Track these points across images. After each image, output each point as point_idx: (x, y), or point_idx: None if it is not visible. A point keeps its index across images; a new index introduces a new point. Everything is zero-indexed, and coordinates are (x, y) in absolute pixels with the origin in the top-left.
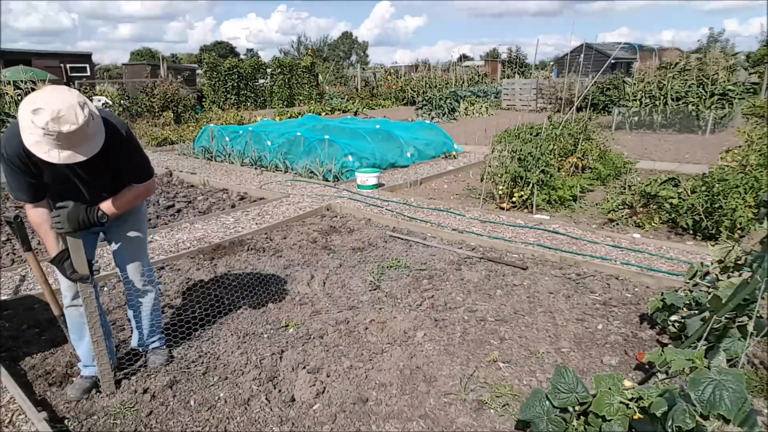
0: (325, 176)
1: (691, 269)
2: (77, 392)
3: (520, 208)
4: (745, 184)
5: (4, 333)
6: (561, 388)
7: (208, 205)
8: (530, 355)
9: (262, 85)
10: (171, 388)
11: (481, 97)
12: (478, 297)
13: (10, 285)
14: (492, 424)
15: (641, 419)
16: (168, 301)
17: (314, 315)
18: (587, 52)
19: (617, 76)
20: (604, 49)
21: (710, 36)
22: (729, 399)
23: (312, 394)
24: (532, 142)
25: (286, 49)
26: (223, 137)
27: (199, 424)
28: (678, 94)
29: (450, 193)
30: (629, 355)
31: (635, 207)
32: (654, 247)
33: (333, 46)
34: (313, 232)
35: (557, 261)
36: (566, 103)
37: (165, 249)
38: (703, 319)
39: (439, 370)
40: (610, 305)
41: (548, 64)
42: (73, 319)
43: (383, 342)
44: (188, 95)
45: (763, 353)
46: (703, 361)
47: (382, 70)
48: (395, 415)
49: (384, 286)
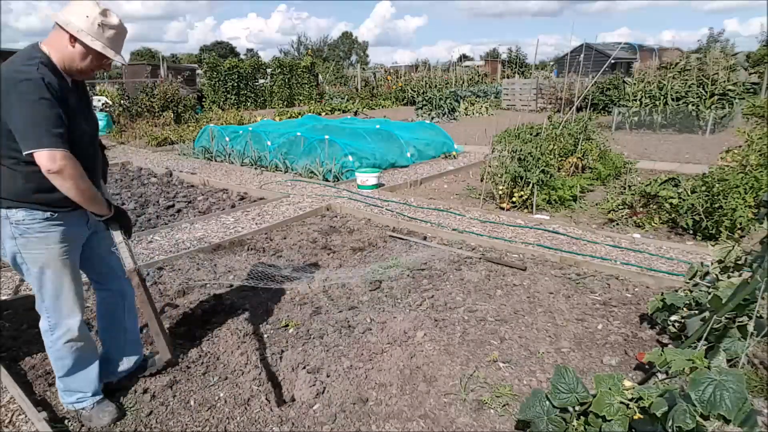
0: (325, 176)
1: (691, 269)
2: (110, 418)
3: (520, 208)
4: (745, 184)
5: (4, 333)
6: (561, 388)
7: (208, 205)
8: (530, 355)
9: (262, 85)
10: (171, 388)
11: (481, 97)
12: (478, 297)
13: (10, 285)
14: (492, 424)
15: (641, 419)
16: (168, 301)
17: (314, 315)
18: (587, 52)
19: (617, 76)
20: (604, 49)
21: (710, 36)
22: (729, 399)
23: (312, 394)
24: (532, 142)
25: (286, 49)
26: (223, 137)
27: (199, 424)
28: (678, 94)
29: (450, 193)
30: (629, 355)
31: (635, 207)
32: (654, 247)
33: (333, 46)
34: (313, 232)
35: (557, 261)
36: (566, 103)
37: (165, 249)
38: (703, 319)
39: (439, 370)
40: (610, 305)
41: (548, 64)
42: (81, 350)
43: (383, 342)
44: (188, 95)
45: (763, 353)
46: (703, 361)
47: (382, 70)
48: (395, 415)
49: (384, 286)
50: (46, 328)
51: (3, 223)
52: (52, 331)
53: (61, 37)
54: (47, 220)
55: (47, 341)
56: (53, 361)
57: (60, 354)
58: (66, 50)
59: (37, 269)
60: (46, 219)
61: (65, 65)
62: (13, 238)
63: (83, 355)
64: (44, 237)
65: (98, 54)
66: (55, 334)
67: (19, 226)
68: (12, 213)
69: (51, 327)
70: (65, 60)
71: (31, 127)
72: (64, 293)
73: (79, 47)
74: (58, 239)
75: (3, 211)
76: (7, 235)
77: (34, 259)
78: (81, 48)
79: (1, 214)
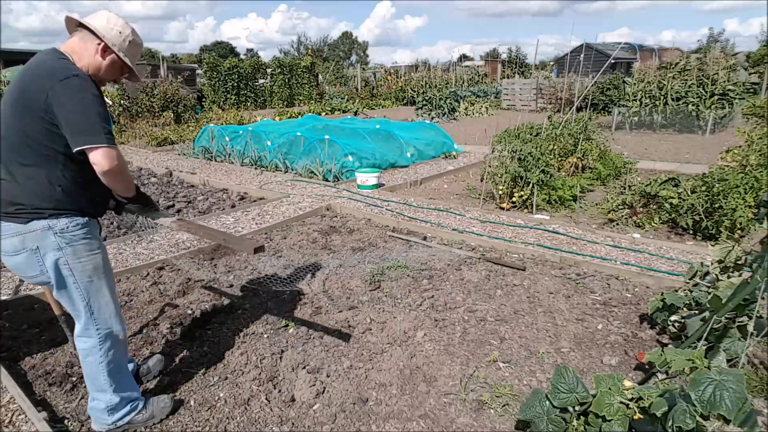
0: (325, 176)
1: (691, 269)
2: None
3: (520, 208)
4: (745, 184)
5: (4, 333)
6: (561, 388)
7: (208, 205)
8: (530, 355)
9: (262, 85)
10: (171, 388)
11: (481, 97)
12: (478, 297)
13: (10, 285)
14: (492, 424)
15: (641, 419)
16: (168, 301)
17: (314, 315)
18: (587, 52)
19: (617, 76)
20: (604, 49)
21: (710, 36)
22: (729, 399)
23: (312, 394)
24: (532, 142)
25: (286, 49)
26: (223, 137)
27: (199, 424)
28: (678, 94)
29: (450, 193)
30: (629, 355)
31: (635, 207)
32: (654, 247)
33: (333, 46)
34: (313, 232)
35: (557, 261)
36: (566, 103)
37: (165, 249)
38: (703, 319)
39: (439, 370)
40: (610, 305)
41: (548, 64)
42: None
43: (383, 342)
44: (188, 95)
45: (763, 353)
46: (703, 361)
47: (382, 70)
48: (395, 415)
49: (384, 286)
50: (94, 344)
51: (44, 235)
52: (102, 344)
53: (89, 45)
54: (85, 226)
55: (95, 359)
56: (103, 377)
57: (110, 367)
58: (93, 58)
59: (87, 278)
60: (84, 225)
61: (89, 72)
62: (59, 249)
63: (125, 358)
64: (88, 243)
65: (124, 69)
66: (105, 346)
67: (65, 235)
68: (54, 222)
69: (101, 340)
70: (90, 68)
71: (86, 123)
72: (112, 299)
73: (109, 59)
74: (98, 245)
75: (44, 222)
76: (52, 247)
77: (83, 268)
78: (109, 60)
79: (41, 226)
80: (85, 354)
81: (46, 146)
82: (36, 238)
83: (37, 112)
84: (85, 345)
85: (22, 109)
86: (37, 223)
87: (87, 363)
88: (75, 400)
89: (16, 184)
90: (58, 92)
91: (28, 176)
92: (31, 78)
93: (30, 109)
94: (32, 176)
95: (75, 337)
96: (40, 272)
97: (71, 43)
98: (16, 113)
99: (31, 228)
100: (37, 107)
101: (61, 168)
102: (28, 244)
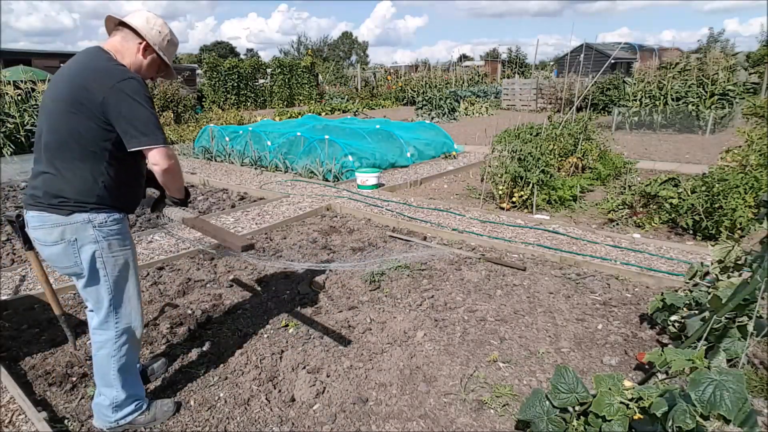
0: (325, 176)
1: (691, 269)
2: (173, 404)
3: (520, 208)
4: (745, 184)
5: (4, 333)
6: (561, 388)
7: (208, 205)
8: (530, 355)
9: (262, 85)
10: (171, 388)
11: (481, 97)
12: (478, 297)
13: (10, 285)
14: (492, 424)
15: (641, 419)
16: (168, 300)
17: (314, 315)
18: (587, 52)
19: (617, 76)
20: (604, 49)
21: (710, 36)
22: (729, 399)
23: (312, 394)
24: (532, 142)
25: (286, 49)
26: (223, 137)
27: (199, 424)
28: (678, 94)
29: (450, 193)
30: (629, 355)
31: (635, 207)
32: (654, 247)
33: (333, 46)
34: (313, 232)
35: (557, 261)
36: (566, 103)
37: (165, 249)
38: (703, 319)
39: (439, 370)
40: (610, 305)
41: (548, 64)
42: (136, 351)
43: (383, 342)
44: (188, 95)
45: (763, 353)
46: (703, 361)
47: (382, 70)
48: (395, 415)
49: (384, 286)
50: (109, 337)
51: (82, 227)
52: (117, 338)
53: (131, 45)
54: (120, 222)
55: (107, 352)
56: (112, 372)
57: (121, 363)
58: (135, 57)
59: (117, 272)
60: (120, 221)
61: (132, 70)
62: (96, 242)
63: (136, 357)
64: (122, 238)
65: (161, 67)
66: (120, 341)
67: (103, 229)
68: (94, 216)
69: (118, 334)
70: (132, 66)
71: (145, 124)
72: (135, 294)
73: (149, 58)
74: (130, 241)
75: (85, 215)
76: (89, 240)
77: (115, 262)
78: (150, 59)
79: (82, 219)
80: (98, 346)
81: (94, 143)
82: (75, 230)
83: (92, 111)
84: (101, 338)
85: (74, 107)
86: (78, 216)
87: (99, 356)
88: (75, 400)
89: (62, 178)
90: (116, 94)
91: (73, 171)
92: (84, 78)
93: (84, 107)
94: (77, 171)
95: (91, 330)
96: (74, 263)
97: (114, 42)
98: (68, 111)
99: (72, 220)
100: (92, 106)
101: (105, 165)
102: (67, 235)
